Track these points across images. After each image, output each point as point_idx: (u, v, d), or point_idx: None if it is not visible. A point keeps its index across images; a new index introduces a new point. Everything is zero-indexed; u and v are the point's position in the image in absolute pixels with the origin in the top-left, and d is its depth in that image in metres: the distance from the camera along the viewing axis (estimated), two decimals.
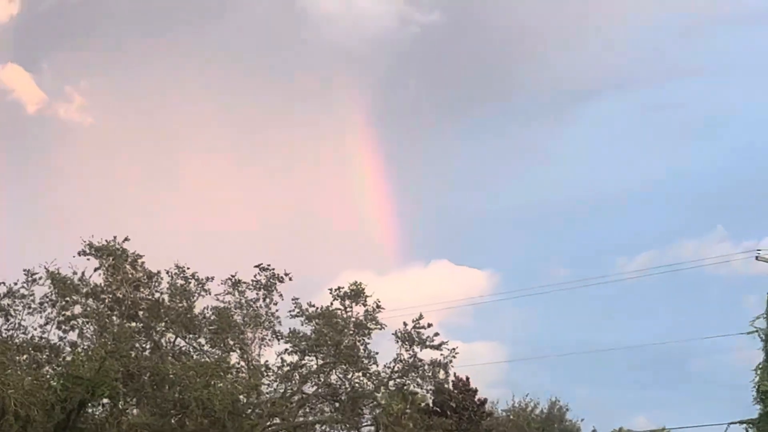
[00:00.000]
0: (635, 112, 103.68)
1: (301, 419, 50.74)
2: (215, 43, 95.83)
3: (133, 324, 47.30)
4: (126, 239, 47.10)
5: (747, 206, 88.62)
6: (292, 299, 49.72)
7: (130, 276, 47.24)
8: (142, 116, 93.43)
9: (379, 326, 49.89)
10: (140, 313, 47.66)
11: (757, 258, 44.93)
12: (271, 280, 49.32)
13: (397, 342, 50.26)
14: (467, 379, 54.69)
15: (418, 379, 50.68)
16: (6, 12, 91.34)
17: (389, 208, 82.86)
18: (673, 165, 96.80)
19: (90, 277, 46.70)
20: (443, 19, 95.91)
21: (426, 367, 50.38)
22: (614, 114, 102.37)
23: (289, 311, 49.63)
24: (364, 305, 49.63)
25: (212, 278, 48.78)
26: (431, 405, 53.14)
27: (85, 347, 44.14)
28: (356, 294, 49.61)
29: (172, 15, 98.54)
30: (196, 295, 48.33)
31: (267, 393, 48.91)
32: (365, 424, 51.32)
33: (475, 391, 55.12)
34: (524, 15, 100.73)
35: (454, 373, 52.65)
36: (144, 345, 47.72)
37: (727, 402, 58.31)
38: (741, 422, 45.43)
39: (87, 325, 45.68)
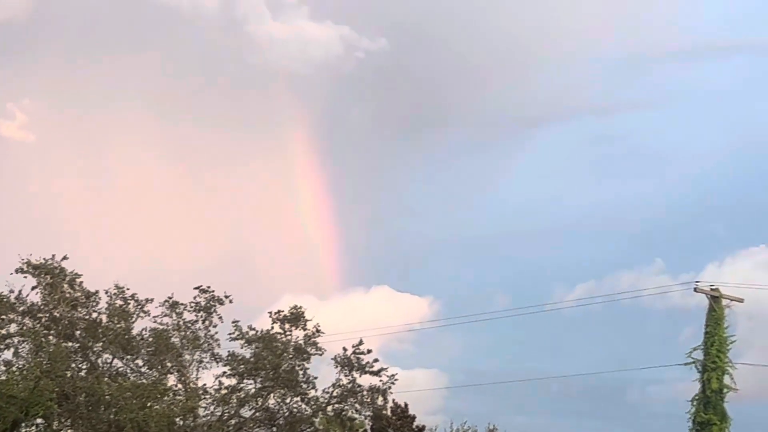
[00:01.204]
0: (579, 143, 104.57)
1: None
2: (161, 64, 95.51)
3: (70, 344, 46.84)
4: (64, 258, 46.69)
5: (686, 240, 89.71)
6: (232, 322, 49.50)
7: (67, 295, 46.73)
8: (85, 134, 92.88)
9: (318, 351, 49.79)
10: (77, 332, 47.17)
11: (695, 290, 45.17)
12: (210, 302, 49.02)
13: (337, 367, 50.18)
14: (406, 405, 54.54)
15: (357, 405, 50.49)
16: None
17: (331, 233, 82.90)
18: (614, 197, 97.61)
19: (27, 295, 46.30)
20: (389, 46, 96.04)
21: (365, 392, 50.25)
22: (558, 144, 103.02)
23: (229, 334, 49.40)
24: (304, 329, 49.50)
25: (152, 300, 48.44)
26: (369, 431, 52.95)
27: (20, 366, 43.50)
28: (296, 318, 49.46)
29: (117, 34, 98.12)
30: (135, 316, 47.91)
31: (204, 416, 48.44)
32: None
33: (414, 417, 54.96)
34: (470, 44, 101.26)
35: (393, 400, 52.53)
36: (80, 365, 47.23)
37: None
38: None
39: (23, 344, 45.04)
